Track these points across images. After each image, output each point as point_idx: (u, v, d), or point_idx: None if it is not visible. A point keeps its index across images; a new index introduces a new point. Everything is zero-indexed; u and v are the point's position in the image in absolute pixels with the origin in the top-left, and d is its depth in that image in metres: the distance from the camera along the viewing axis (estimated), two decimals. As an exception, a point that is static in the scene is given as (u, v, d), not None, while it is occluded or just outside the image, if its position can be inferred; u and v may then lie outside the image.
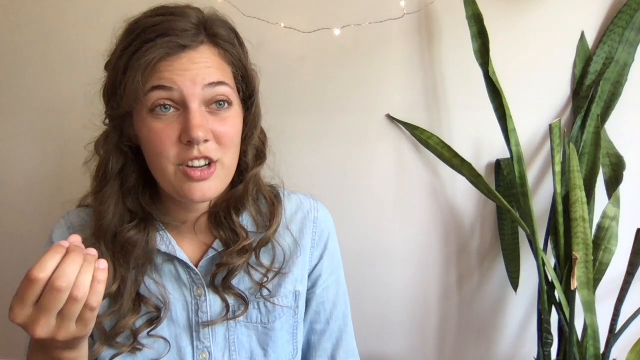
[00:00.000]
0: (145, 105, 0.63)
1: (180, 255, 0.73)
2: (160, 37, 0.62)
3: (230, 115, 0.67)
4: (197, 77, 0.63)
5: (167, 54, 0.62)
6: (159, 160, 0.65)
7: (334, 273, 0.83)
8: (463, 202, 1.19)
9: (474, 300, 1.24)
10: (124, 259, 0.70)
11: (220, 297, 0.74)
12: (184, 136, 0.63)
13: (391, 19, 1.08)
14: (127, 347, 0.70)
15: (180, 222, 0.74)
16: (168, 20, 0.64)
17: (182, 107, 0.64)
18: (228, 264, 0.72)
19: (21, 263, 1.23)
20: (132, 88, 0.62)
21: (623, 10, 1.07)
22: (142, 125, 0.65)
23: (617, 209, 1.02)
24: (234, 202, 0.73)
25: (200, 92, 0.63)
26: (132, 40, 0.63)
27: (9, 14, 1.15)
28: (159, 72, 0.62)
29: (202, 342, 0.74)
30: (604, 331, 0.99)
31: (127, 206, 0.70)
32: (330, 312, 0.83)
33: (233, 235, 0.73)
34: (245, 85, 0.71)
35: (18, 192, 1.22)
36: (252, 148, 0.74)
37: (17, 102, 1.19)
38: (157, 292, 0.72)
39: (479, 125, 1.14)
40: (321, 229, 0.81)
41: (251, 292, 0.75)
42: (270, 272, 0.75)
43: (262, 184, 0.78)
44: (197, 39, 0.64)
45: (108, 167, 0.69)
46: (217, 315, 0.74)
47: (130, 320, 0.69)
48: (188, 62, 0.63)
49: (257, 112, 0.74)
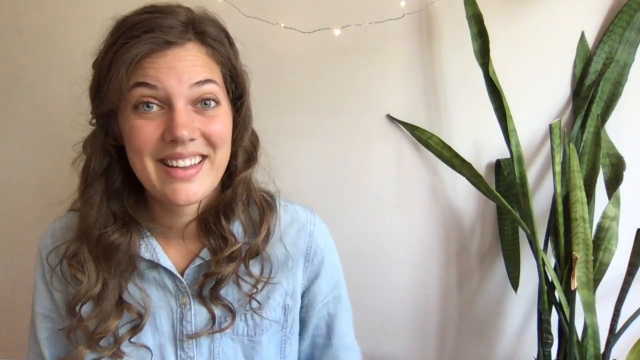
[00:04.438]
0: (129, 102, 0.62)
1: (164, 262, 0.71)
2: (146, 33, 0.60)
3: (218, 114, 0.65)
4: (183, 76, 0.61)
5: (152, 49, 0.60)
6: (138, 157, 0.63)
7: (334, 289, 0.81)
8: (463, 202, 1.19)
9: (474, 300, 1.24)
10: (106, 263, 0.68)
11: (207, 307, 0.71)
12: (167, 134, 0.61)
13: (391, 19, 1.08)
14: (108, 351, 0.68)
15: (167, 227, 0.71)
16: (155, 17, 0.62)
17: (167, 105, 0.62)
18: (216, 273, 0.69)
19: (14, 263, 1.24)
20: (115, 84, 0.60)
21: (623, 10, 1.07)
22: (125, 122, 0.63)
23: (617, 209, 1.02)
24: (223, 206, 0.71)
25: (186, 90, 0.61)
26: (118, 36, 0.62)
27: (6, 15, 1.15)
28: (143, 69, 0.61)
29: (186, 352, 0.72)
30: (604, 331, 0.99)
31: (111, 208, 0.69)
32: (331, 327, 0.81)
33: (222, 243, 0.70)
34: (235, 85, 0.69)
35: (10, 192, 1.22)
36: (243, 150, 0.72)
37: (10, 103, 1.19)
38: (139, 298, 0.70)
39: (479, 125, 1.14)
40: (317, 244, 0.78)
41: (240, 303, 0.73)
42: (259, 282, 0.72)
43: (254, 188, 0.74)
44: (184, 35, 0.62)
45: (92, 167, 0.68)
46: (202, 326, 0.72)
47: (112, 323, 0.68)
48: (173, 59, 0.61)
49: (247, 113, 0.71)
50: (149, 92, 0.61)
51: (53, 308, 0.74)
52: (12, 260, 1.25)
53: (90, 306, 0.69)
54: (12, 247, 1.24)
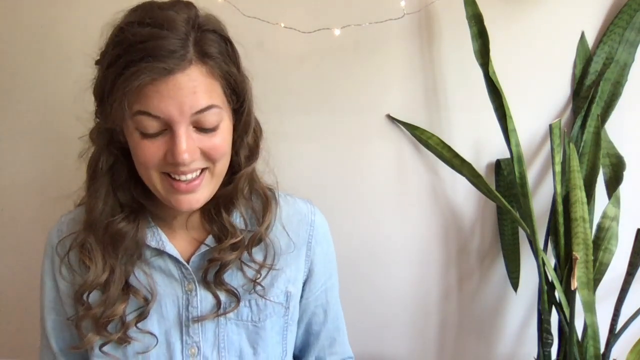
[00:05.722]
0: (132, 125, 0.63)
1: (170, 250, 0.73)
2: (146, 60, 0.59)
3: (218, 132, 0.66)
4: (184, 106, 0.61)
5: (153, 79, 0.60)
6: (144, 169, 0.66)
7: (331, 276, 0.85)
8: (463, 202, 1.19)
9: (474, 300, 1.24)
10: (113, 250, 0.70)
11: (212, 292, 0.74)
12: (170, 156, 0.63)
13: (391, 19, 1.08)
14: (115, 335, 0.71)
15: (171, 217, 0.74)
16: (154, 36, 0.60)
17: (169, 127, 0.62)
18: (219, 259, 0.72)
19: (19, 261, 1.24)
20: (118, 110, 0.61)
21: (623, 10, 1.07)
22: (130, 136, 0.65)
23: (617, 209, 1.02)
24: (224, 200, 0.73)
25: (188, 118, 0.62)
26: (118, 56, 0.61)
27: (6, 14, 1.15)
28: (145, 97, 0.60)
29: (192, 337, 0.74)
30: (604, 331, 0.99)
31: (118, 199, 0.71)
32: (327, 314, 0.85)
33: (225, 231, 0.73)
34: (236, 95, 0.69)
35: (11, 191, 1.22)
36: (244, 148, 0.73)
37: (10, 101, 1.19)
38: (145, 283, 0.72)
39: (479, 125, 1.14)
40: (318, 233, 0.81)
41: (244, 288, 0.75)
42: (263, 268, 0.75)
43: (257, 181, 0.77)
44: (185, 58, 0.60)
45: (98, 164, 0.70)
46: (207, 311, 0.74)
47: (119, 307, 0.70)
48: (174, 88, 0.60)
49: (248, 118, 0.72)
50: (151, 121, 0.62)
51: (58, 299, 0.76)
52: (12, 259, 1.25)
53: (97, 294, 0.71)
54: (13, 246, 1.24)
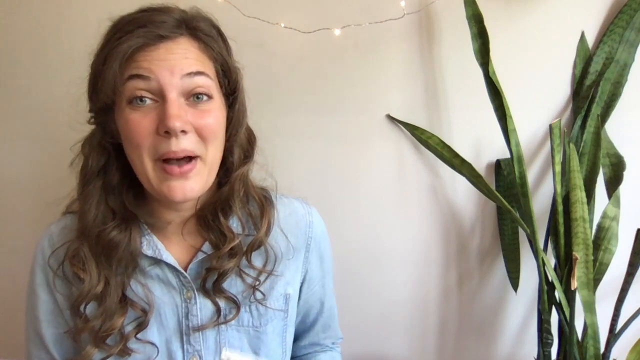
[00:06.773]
0: (124, 96, 0.63)
1: (167, 259, 0.71)
2: (139, 28, 0.63)
3: (210, 108, 0.66)
4: (175, 67, 0.63)
5: (145, 43, 0.62)
6: (136, 152, 0.64)
7: (328, 273, 0.86)
8: (463, 202, 1.19)
9: (474, 300, 1.24)
10: (106, 261, 0.69)
11: (211, 300, 0.73)
12: (161, 126, 0.62)
13: (391, 19, 1.08)
14: (115, 348, 0.69)
15: (165, 222, 0.72)
16: (149, 14, 0.65)
17: (160, 98, 0.63)
18: (218, 267, 0.71)
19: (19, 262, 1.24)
20: (110, 77, 0.62)
21: (623, 10, 1.07)
22: (121, 117, 0.65)
23: (617, 209, 1.02)
24: (221, 203, 0.72)
25: (179, 81, 0.63)
26: (113, 33, 0.64)
27: (3, 15, 1.15)
28: (136, 62, 0.62)
29: (193, 346, 0.73)
30: (604, 331, 0.99)
31: (109, 205, 0.69)
32: (323, 305, 0.87)
33: (222, 237, 0.71)
34: (228, 81, 0.70)
35: (7, 192, 1.22)
36: (238, 147, 0.72)
37: (8, 103, 1.18)
38: (142, 295, 0.71)
39: (479, 125, 1.14)
40: (316, 233, 0.81)
41: (244, 295, 0.74)
42: (262, 274, 0.74)
43: (251, 185, 0.76)
44: (177, 30, 0.65)
45: (90, 164, 0.69)
46: (207, 319, 0.73)
47: (118, 321, 0.68)
48: (166, 52, 0.63)
49: (241, 109, 0.72)
50: (142, 84, 0.62)
51: (57, 312, 0.74)
52: (12, 260, 1.24)
53: (94, 306, 0.70)
54: (13, 246, 1.24)
